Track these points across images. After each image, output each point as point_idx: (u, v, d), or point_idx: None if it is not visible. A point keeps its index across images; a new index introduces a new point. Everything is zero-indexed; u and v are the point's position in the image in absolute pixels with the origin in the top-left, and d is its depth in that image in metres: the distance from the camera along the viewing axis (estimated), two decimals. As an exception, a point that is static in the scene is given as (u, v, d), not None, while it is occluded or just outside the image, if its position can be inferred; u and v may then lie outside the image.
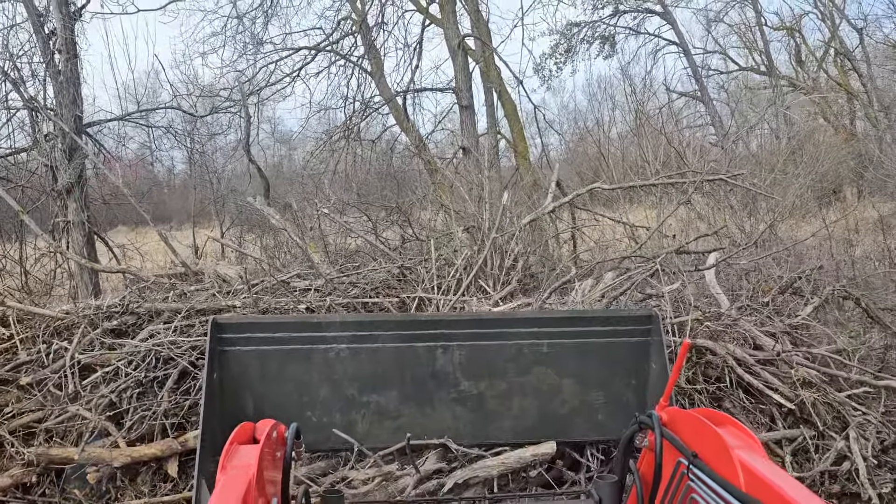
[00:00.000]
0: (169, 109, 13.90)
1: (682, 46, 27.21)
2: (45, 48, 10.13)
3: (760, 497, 1.81)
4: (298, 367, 3.84)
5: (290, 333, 3.89)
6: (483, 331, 4.00)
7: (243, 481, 1.89)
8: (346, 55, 15.19)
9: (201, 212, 17.57)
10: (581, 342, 3.97)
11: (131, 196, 9.22)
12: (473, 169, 10.69)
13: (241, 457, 2.08)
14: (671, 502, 2.32)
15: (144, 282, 7.29)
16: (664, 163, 13.67)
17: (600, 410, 3.90)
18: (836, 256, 9.32)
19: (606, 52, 27.87)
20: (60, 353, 5.41)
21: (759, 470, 1.91)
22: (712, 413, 2.37)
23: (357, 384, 3.86)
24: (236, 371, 3.75)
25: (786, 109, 24.76)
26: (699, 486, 2.13)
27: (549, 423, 3.94)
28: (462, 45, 13.68)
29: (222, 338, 3.74)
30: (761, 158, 16.53)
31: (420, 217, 10.01)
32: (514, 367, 3.91)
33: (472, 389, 3.89)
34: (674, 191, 10.94)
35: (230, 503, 1.77)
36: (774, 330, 5.67)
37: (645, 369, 3.92)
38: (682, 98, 27.85)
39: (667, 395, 2.65)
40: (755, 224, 11.65)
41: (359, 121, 15.41)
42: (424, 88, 15.33)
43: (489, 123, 16.07)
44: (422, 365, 3.87)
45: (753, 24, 28.33)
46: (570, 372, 3.92)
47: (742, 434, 2.19)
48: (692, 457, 2.15)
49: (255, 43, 14.57)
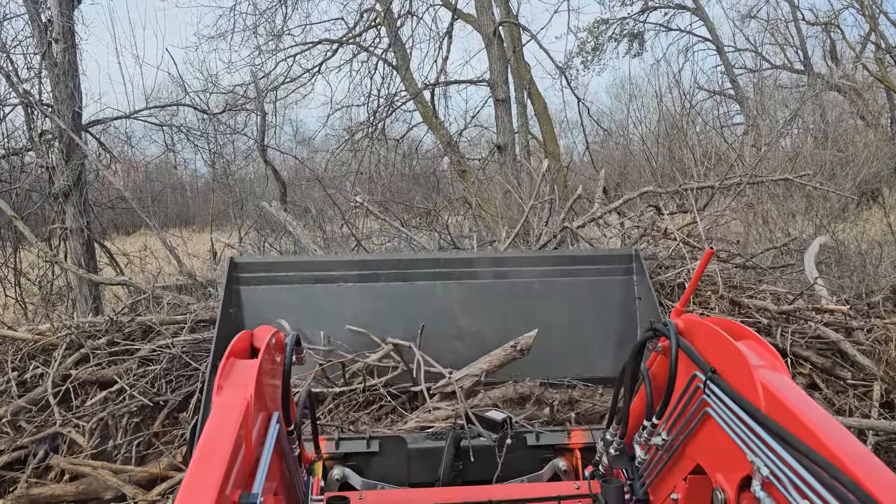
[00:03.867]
0: (180, 107, 12.95)
1: (714, 43, 26.14)
2: (41, 38, 9.18)
3: (782, 422, 1.67)
4: (309, 302, 4.12)
5: (302, 272, 4.19)
6: (479, 269, 4.29)
7: (241, 403, 1.79)
8: (370, 48, 14.11)
9: (223, 215, 16.82)
10: (570, 280, 4.26)
11: (133, 200, 8.23)
12: (511, 170, 9.72)
13: (238, 375, 1.96)
14: (682, 414, 2.20)
15: (144, 294, 6.47)
16: (715, 164, 12.76)
17: (591, 345, 4.14)
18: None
19: (635, 51, 26.62)
20: (35, 382, 4.88)
21: (782, 392, 1.77)
22: (731, 324, 2.17)
23: (363, 318, 4.11)
24: (249, 306, 4.01)
25: (821, 110, 23.52)
26: (715, 402, 2.01)
27: (545, 359, 4.07)
28: (497, 33, 12.54)
29: (239, 276, 4.06)
30: (808, 158, 15.63)
31: (454, 221, 9.06)
32: (509, 304, 4.17)
33: (469, 326, 4.13)
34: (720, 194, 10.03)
35: (227, 429, 1.68)
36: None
37: (632, 305, 4.18)
38: (712, 97, 26.66)
39: (684, 300, 2.52)
40: (804, 226, 11.24)
41: (383, 117, 14.25)
42: (455, 81, 14.17)
43: (520, 123, 14.98)
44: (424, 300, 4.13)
45: (789, 19, 27.14)
46: (562, 308, 4.20)
47: (764, 350, 2.01)
48: (711, 372, 2.03)
49: (273, 36, 13.56)
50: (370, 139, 14.18)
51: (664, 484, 2.41)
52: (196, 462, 1.53)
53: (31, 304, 9.50)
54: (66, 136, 8.88)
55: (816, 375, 4.97)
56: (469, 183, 11.27)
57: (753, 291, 5.38)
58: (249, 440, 1.77)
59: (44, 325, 5.50)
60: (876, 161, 17.42)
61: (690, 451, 2.20)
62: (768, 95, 26.45)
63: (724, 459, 1.97)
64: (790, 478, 1.61)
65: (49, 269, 9.39)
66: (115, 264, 9.71)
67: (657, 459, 2.41)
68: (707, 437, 2.09)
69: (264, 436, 1.97)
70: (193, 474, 1.48)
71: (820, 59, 27.89)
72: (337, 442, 3.14)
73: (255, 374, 1.93)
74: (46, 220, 9.67)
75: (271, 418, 2.07)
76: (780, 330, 4.88)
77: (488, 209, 9.17)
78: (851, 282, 6.69)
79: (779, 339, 4.84)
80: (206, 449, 1.58)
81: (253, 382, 1.89)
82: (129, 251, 10.57)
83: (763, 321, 5.13)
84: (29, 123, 9.34)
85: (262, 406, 1.96)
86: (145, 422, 4.71)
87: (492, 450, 3.14)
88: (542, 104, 16.04)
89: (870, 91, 26.16)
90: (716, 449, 2.03)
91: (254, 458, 1.81)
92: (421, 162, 15.60)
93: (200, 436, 1.64)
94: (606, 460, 2.69)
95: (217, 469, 1.49)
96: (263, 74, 13.29)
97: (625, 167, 18.35)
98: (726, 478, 1.95)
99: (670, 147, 14.86)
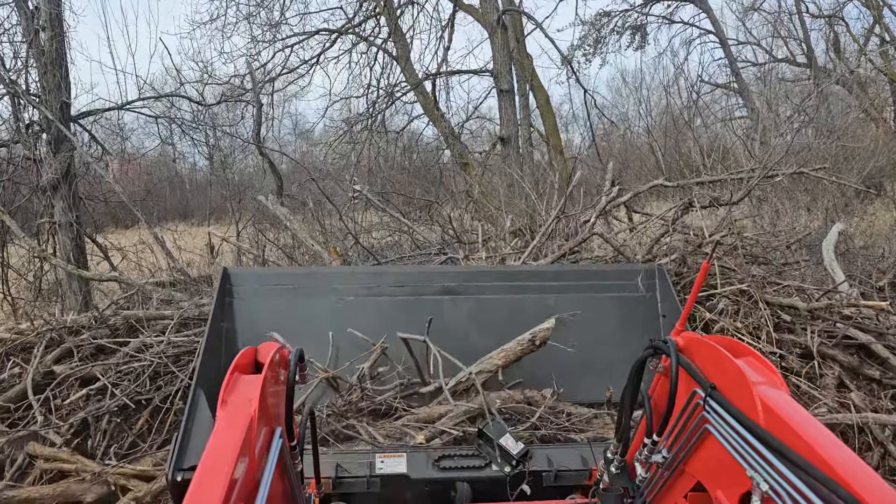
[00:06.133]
0: (176, 98, 12.58)
1: (718, 36, 25.81)
2: (28, 26, 8.84)
3: (781, 437, 1.67)
4: (306, 316, 3.91)
5: (299, 285, 4.01)
6: (491, 284, 4.08)
7: (245, 419, 1.80)
8: (369, 37, 13.73)
9: (221, 209, 16.56)
10: (588, 297, 4.00)
11: (124, 193, 7.91)
12: (516, 163, 9.41)
13: (242, 390, 1.95)
14: (682, 432, 2.21)
15: (133, 289, 6.23)
16: (722, 157, 12.49)
17: (609, 366, 3.71)
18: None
19: (637, 43, 26.26)
20: (13, 381, 4.65)
21: (781, 408, 1.78)
22: (731, 342, 2.18)
23: (364, 333, 3.85)
24: (242, 320, 3.82)
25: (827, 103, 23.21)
26: (715, 418, 2.00)
27: (560, 379, 3.81)
28: (501, 21, 12.17)
29: (232, 288, 3.89)
30: (813, 152, 15.43)
31: (455, 215, 8.77)
32: (522, 322, 3.82)
33: (478, 344, 3.84)
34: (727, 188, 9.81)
35: (231, 443, 1.67)
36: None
37: (655, 323, 3.92)
38: (714, 91, 26.36)
39: (683, 319, 2.49)
40: (810, 220, 11.10)
41: (382, 108, 13.87)
42: (457, 71, 13.80)
43: (522, 115, 14.62)
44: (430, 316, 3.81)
45: (793, 12, 26.81)
46: (579, 326, 3.88)
47: (763, 367, 2.04)
48: (710, 388, 2.02)
49: (270, 25, 13.19)
50: (369, 131, 13.82)
51: (665, 501, 2.41)
52: (200, 476, 1.53)
53: (24, 301, 9.21)
54: (53, 127, 8.56)
55: (844, 376, 4.71)
56: (471, 176, 10.95)
57: (778, 288, 5.08)
58: (253, 455, 1.79)
59: (24, 323, 5.21)
60: (883, 155, 17.32)
61: (691, 469, 2.21)
62: (773, 90, 26.17)
63: (724, 476, 1.98)
64: (789, 493, 1.61)
65: (38, 265, 9.07)
66: (109, 260, 9.38)
67: (658, 477, 2.41)
68: (707, 453, 2.10)
69: (267, 451, 1.98)
70: (197, 488, 1.48)
71: (823, 53, 27.58)
72: (334, 482, 2.99)
73: (260, 390, 1.93)
74: (35, 215, 9.35)
75: (274, 433, 2.08)
76: (810, 330, 4.57)
77: (491, 202, 8.87)
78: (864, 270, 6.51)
79: (808, 339, 4.54)
80: (211, 463, 1.59)
81: (257, 398, 1.90)
82: (126, 246, 10.27)
83: (787, 318, 4.87)
84: (16, 114, 9.01)
85: (265, 421, 1.97)
86: (128, 421, 4.50)
87: (502, 482, 2.98)
88: (544, 96, 15.70)
89: (873, 85, 25.91)
90: (716, 465, 2.04)
91: (257, 473, 1.83)
92: (422, 155, 15.25)
93: (205, 449, 1.64)
94: (607, 478, 2.65)
95: (220, 485, 1.50)
96: (260, 65, 12.93)
97: (626, 160, 18.08)
98: (726, 494, 1.96)
99: (677, 140, 14.55)
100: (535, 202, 6.58)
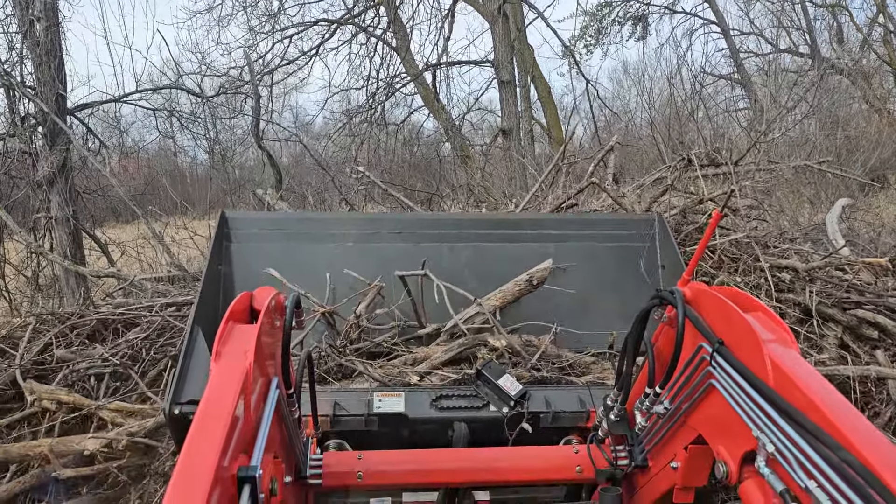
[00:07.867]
0: (174, 90, 12.46)
1: (720, 26, 25.59)
2: (22, 16, 8.71)
3: (790, 399, 1.61)
4: (304, 260, 3.84)
5: (298, 230, 3.98)
6: (489, 231, 4.02)
7: (240, 372, 1.72)
8: (368, 28, 13.58)
9: (221, 202, 16.44)
10: (588, 245, 3.98)
11: (120, 187, 7.81)
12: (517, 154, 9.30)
13: (237, 341, 1.89)
14: (686, 385, 2.16)
15: (126, 283, 6.18)
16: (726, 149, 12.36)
17: (606, 315, 3.74)
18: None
19: (639, 34, 26.03)
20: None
21: (791, 369, 1.70)
22: (740, 295, 2.09)
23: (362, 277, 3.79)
24: (240, 264, 3.78)
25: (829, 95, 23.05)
26: (721, 374, 1.94)
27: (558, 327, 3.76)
28: (502, 10, 12.03)
29: (230, 232, 3.83)
30: (816, 144, 15.32)
31: (455, 209, 8.67)
32: (520, 270, 3.77)
33: (477, 291, 3.76)
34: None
35: (227, 400, 1.61)
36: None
37: (655, 274, 3.87)
38: (717, 82, 26.13)
39: (690, 268, 2.46)
40: (814, 212, 10.99)
41: (382, 100, 13.73)
42: (458, 62, 13.64)
43: (524, 107, 14.48)
44: (428, 262, 3.75)
45: (796, 1, 26.58)
46: (578, 275, 3.88)
47: (773, 323, 1.93)
48: (718, 343, 1.95)
49: (268, 16, 13.03)
50: (369, 123, 13.69)
51: (664, 451, 2.39)
52: (195, 430, 1.48)
53: (21, 294, 9.12)
54: (49, 120, 8.45)
55: (844, 336, 4.67)
56: (472, 168, 10.84)
57: (779, 250, 5.04)
58: (249, 407, 1.75)
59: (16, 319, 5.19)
60: (887, 147, 17.23)
61: (693, 422, 2.17)
62: (776, 80, 25.97)
63: (727, 432, 1.93)
64: (796, 456, 1.57)
65: (34, 261, 8.97)
66: (108, 255, 9.28)
67: (658, 427, 2.38)
68: (710, 408, 2.04)
69: (264, 402, 1.93)
70: (193, 443, 1.44)
71: (825, 43, 27.36)
72: (332, 420, 2.96)
73: (255, 341, 1.87)
74: (32, 210, 9.24)
75: (270, 384, 2.02)
76: (808, 290, 4.52)
77: (492, 194, 8.76)
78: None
79: (807, 298, 4.51)
80: (206, 417, 1.55)
81: (252, 349, 1.84)
82: (126, 241, 10.18)
83: (786, 278, 4.83)
84: (11, 107, 8.90)
85: (261, 372, 1.92)
86: (127, 383, 4.50)
87: (500, 422, 2.98)
88: (545, 88, 15.56)
89: (877, 75, 25.70)
90: (719, 421, 1.98)
91: (254, 425, 1.79)
92: (422, 147, 15.12)
93: (200, 403, 1.59)
94: (606, 425, 2.64)
95: (217, 439, 1.46)
96: (258, 56, 12.80)
97: (626, 150, 17.93)
98: (729, 451, 1.92)
99: (681, 130, 14.42)
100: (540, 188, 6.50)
